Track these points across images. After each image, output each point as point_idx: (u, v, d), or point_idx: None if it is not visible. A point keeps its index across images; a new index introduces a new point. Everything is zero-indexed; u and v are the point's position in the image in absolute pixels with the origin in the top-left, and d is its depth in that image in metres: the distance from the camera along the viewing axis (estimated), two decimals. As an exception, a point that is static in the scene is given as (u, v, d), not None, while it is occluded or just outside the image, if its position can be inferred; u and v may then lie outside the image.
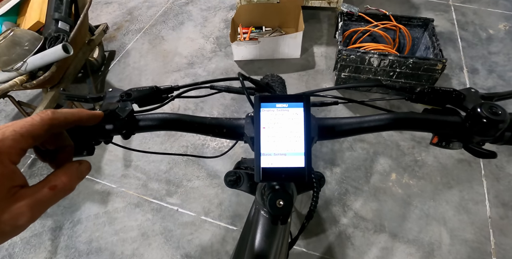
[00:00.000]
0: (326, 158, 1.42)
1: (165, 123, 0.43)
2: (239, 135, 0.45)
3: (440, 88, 0.41)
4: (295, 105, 0.38)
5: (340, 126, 0.43)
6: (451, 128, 0.40)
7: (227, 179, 0.56)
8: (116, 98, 0.44)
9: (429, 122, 0.41)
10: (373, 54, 1.40)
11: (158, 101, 0.48)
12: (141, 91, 0.45)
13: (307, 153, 0.37)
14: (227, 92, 0.51)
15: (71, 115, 0.30)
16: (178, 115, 0.44)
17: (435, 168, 1.38)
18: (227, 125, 0.45)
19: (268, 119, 0.38)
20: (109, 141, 0.43)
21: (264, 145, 0.37)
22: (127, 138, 0.42)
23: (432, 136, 0.43)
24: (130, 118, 0.41)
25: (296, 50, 1.79)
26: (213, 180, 1.38)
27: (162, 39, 2.05)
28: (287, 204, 0.38)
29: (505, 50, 1.88)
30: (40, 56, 1.26)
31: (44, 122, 0.27)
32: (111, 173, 1.43)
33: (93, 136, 0.40)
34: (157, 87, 0.46)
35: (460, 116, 0.40)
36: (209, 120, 0.45)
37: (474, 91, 0.41)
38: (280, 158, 0.37)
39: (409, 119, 0.41)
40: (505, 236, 1.19)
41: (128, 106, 0.42)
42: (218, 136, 0.45)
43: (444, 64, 1.36)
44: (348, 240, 1.20)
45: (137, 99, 0.45)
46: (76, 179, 0.28)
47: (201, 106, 1.65)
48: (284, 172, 0.37)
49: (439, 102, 0.42)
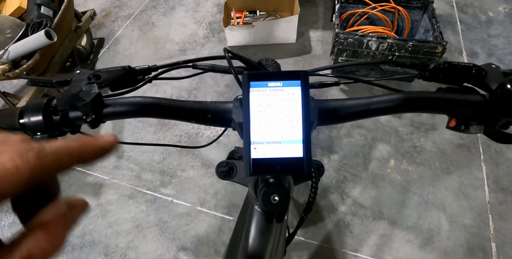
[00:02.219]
0: (324, 145, 1.39)
1: (139, 108, 0.38)
2: (226, 121, 0.39)
3: (459, 63, 0.36)
4: (291, 84, 0.32)
5: (344, 109, 0.37)
6: (472, 109, 0.35)
7: (219, 170, 0.51)
8: (84, 81, 0.38)
9: (447, 103, 0.35)
10: (372, 37, 1.35)
11: (133, 83, 0.42)
12: (111, 72, 0.39)
13: (306, 141, 0.32)
14: (212, 71, 0.45)
15: (68, 155, 0.19)
16: (154, 99, 0.38)
17: (434, 154, 1.35)
18: (212, 110, 0.39)
19: (259, 101, 0.32)
20: (77, 130, 0.38)
21: (255, 132, 0.32)
22: (94, 127, 0.36)
23: (448, 119, 0.38)
24: (96, 103, 0.36)
25: (291, 35, 1.74)
26: (208, 170, 1.35)
27: (153, 25, 1.98)
28: (283, 199, 0.32)
29: (505, 33, 1.83)
30: (22, 43, 1.20)
31: (21, 173, 0.16)
32: (102, 165, 1.39)
33: (57, 125, 0.35)
34: (130, 67, 0.41)
35: (482, 95, 0.35)
36: (191, 105, 0.39)
37: (495, 67, 0.37)
38: (274, 147, 0.31)
39: (424, 99, 0.36)
40: (504, 221, 1.18)
41: (94, 89, 0.37)
42: (202, 122, 0.39)
43: (444, 47, 1.32)
44: (346, 228, 1.18)
45: (107, 82, 0.39)
46: (63, 236, 0.18)
47: (195, 94, 1.60)
48: (279, 163, 0.31)
49: (457, 80, 0.37)
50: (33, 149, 0.17)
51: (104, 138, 0.22)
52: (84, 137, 0.21)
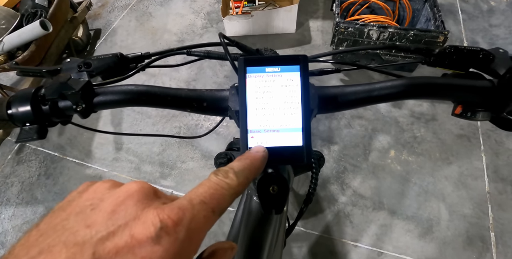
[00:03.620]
0: (324, 135, 1.38)
1: (131, 97, 0.36)
2: (222, 109, 0.37)
3: (465, 47, 0.35)
4: (289, 69, 0.31)
5: (345, 96, 0.36)
6: (480, 95, 0.33)
7: (217, 161, 0.49)
8: (74, 69, 0.37)
9: (453, 88, 0.34)
10: (373, 26, 1.33)
11: (126, 72, 0.40)
12: (102, 60, 0.38)
13: (306, 128, 0.30)
14: (208, 58, 0.43)
15: (249, 173, 0.24)
16: (147, 87, 0.37)
17: (434, 144, 1.35)
18: (207, 98, 0.37)
19: (256, 88, 0.31)
20: (68, 121, 0.37)
21: (252, 120, 0.30)
22: (85, 116, 0.35)
23: (454, 106, 0.37)
24: (86, 91, 0.34)
25: (291, 24, 1.71)
26: (208, 161, 1.34)
27: (150, 16, 1.95)
28: (282, 190, 0.31)
29: (507, 23, 1.81)
30: (17, 34, 1.18)
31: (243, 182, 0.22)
32: (102, 157, 1.38)
33: (46, 116, 0.33)
34: (122, 54, 0.39)
35: (489, 80, 0.34)
36: (186, 93, 0.37)
37: (503, 51, 0.35)
38: (272, 135, 0.30)
39: (429, 85, 0.34)
40: (503, 211, 1.18)
41: (83, 77, 0.36)
42: (197, 111, 0.38)
43: (446, 37, 1.30)
44: (347, 218, 1.19)
45: (98, 70, 0.37)
46: None
47: (193, 85, 1.59)
48: (278, 152, 0.30)
49: (463, 65, 0.36)
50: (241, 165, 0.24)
51: (259, 148, 0.28)
52: (246, 152, 0.27)
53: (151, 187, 0.20)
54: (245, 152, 0.27)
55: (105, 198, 0.18)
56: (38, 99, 0.34)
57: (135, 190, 0.18)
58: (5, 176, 1.36)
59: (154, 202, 0.18)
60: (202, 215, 0.18)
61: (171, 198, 0.20)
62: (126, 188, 0.19)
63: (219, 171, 0.22)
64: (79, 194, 0.20)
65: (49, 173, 1.35)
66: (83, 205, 0.18)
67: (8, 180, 1.35)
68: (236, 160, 0.25)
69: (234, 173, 0.22)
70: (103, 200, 0.18)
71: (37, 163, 1.38)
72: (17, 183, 1.33)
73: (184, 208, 0.18)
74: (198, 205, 0.18)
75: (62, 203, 0.19)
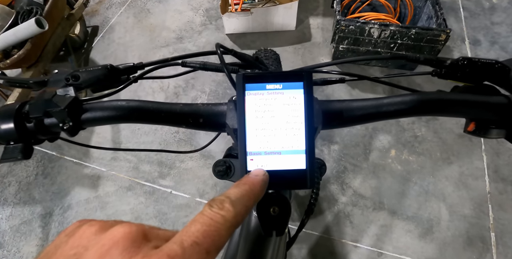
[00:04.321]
0: (324, 135, 1.37)
1: (122, 113, 0.34)
2: (220, 126, 0.35)
3: (479, 60, 0.33)
4: (292, 86, 0.29)
5: (351, 111, 0.34)
6: (495, 112, 0.32)
7: (216, 169, 0.47)
8: (62, 83, 0.34)
9: (467, 105, 0.32)
10: (374, 24, 1.31)
11: (117, 84, 0.38)
12: (92, 72, 0.35)
13: (310, 150, 0.28)
14: (203, 70, 0.40)
15: (248, 200, 0.23)
16: (139, 103, 0.35)
17: (435, 144, 1.34)
18: (204, 114, 0.35)
19: (256, 106, 0.29)
20: (55, 137, 0.35)
21: (251, 141, 0.28)
22: (73, 135, 0.33)
23: (466, 122, 0.35)
24: (73, 108, 0.32)
25: (291, 22, 1.69)
26: (207, 161, 1.33)
27: (148, 13, 1.92)
28: (284, 211, 0.30)
29: (508, 21, 1.80)
30: (13, 32, 1.16)
31: (241, 212, 0.20)
32: (100, 156, 1.37)
33: (31, 133, 0.32)
34: (112, 66, 0.37)
35: (506, 96, 0.32)
36: (181, 108, 0.35)
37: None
38: (273, 158, 0.28)
39: (442, 101, 0.32)
40: (503, 211, 1.18)
41: (70, 92, 0.33)
42: (193, 127, 0.36)
43: (448, 35, 1.29)
44: (347, 218, 1.18)
45: (87, 83, 0.35)
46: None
47: (192, 84, 1.57)
48: (279, 176, 0.28)
49: (477, 78, 0.34)
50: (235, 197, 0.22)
51: (258, 172, 0.26)
52: (244, 177, 0.25)
53: (140, 229, 0.18)
54: (244, 177, 0.26)
55: (90, 246, 0.17)
56: (22, 117, 0.32)
57: (121, 237, 0.17)
58: (2, 176, 1.35)
59: (143, 248, 0.17)
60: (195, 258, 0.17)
61: (164, 237, 0.18)
62: (112, 234, 0.17)
63: (214, 202, 0.21)
64: (66, 238, 0.18)
65: (46, 172, 1.34)
66: (67, 255, 0.17)
67: (5, 180, 1.33)
68: (234, 186, 0.23)
69: (230, 202, 0.21)
70: (87, 248, 0.17)
71: (35, 162, 1.37)
72: (15, 183, 1.32)
73: (174, 255, 0.16)
74: (189, 248, 0.17)
75: (49, 248, 0.18)
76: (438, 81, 0.41)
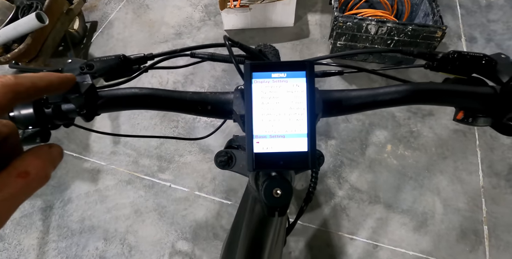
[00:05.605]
0: (321, 130, 1.39)
1: (135, 100, 0.36)
2: (227, 113, 0.37)
3: (468, 53, 0.35)
4: (295, 75, 0.31)
5: (349, 100, 0.36)
6: (481, 102, 0.34)
7: (218, 159, 0.50)
8: (76, 71, 0.36)
9: (456, 95, 0.35)
10: (371, 21, 1.33)
11: (128, 73, 0.40)
12: (105, 61, 0.37)
13: (311, 134, 0.31)
14: (212, 60, 0.43)
15: (39, 79, 0.22)
16: (151, 90, 0.37)
17: (430, 139, 1.36)
18: (212, 101, 0.37)
19: (262, 93, 0.31)
20: (71, 123, 0.36)
21: (258, 125, 0.31)
22: (89, 120, 0.35)
23: (455, 111, 0.37)
24: (90, 95, 0.34)
25: (289, 18, 1.70)
26: (206, 155, 1.35)
27: (147, 8, 1.92)
28: (286, 193, 0.32)
29: (504, 18, 1.82)
30: (13, 26, 1.17)
31: (6, 89, 0.19)
32: (100, 150, 1.38)
33: (49, 118, 0.33)
34: (125, 56, 0.39)
35: (491, 87, 0.35)
36: (190, 96, 0.37)
37: (505, 57, 0.36)
38: (278, 141, 0.31)
39: (433, 91, 0.35)
40: (496, 205, 1.20)
41: (87, 80, 0.35)
42: (201, 114, 0.38)
43: (444, 32, 1.31)
44: (343, 211, 1.20)
45: (101, 72, 0.37)
46: (50, 164, 0.21)
47: (191, 79, 1.58)
48: (283, 158, 0.30)
49: (466, 71, 0.36)
50: (9, 75, 0.20)
51: (65, 74, 0.26)
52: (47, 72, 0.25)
53: None
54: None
55: None
56: (41, 102, 0.34)
57: None
58: (3, 169, 1.35)
59: None
60: None
61: None
62: None
63: None
64: None
65: (46, 166, 1.35)
66: None
67: (5, 173, 1.34)
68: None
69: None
70: None
71: (35, 157, 1.38)
72: (15, 176, 1.33)
73: None
74: None
75: None
76: (433, 77, 0.43)
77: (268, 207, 0.32)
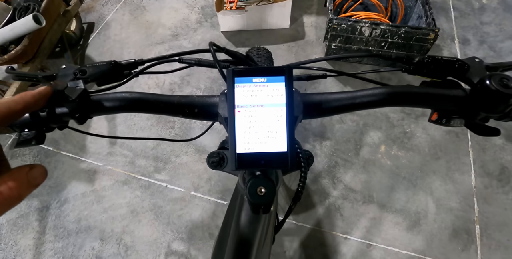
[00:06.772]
0: (316, 131, 1.41)
1: (125, 104, 0.38)
2: (213, 115, 0.39)
3: (442, 58, 0.37)
4: (275, 80, 0.33)
5: (328, 103, 0.38)
6: (454, 104, 0.36)
7: (210, 160, 0.51)
8: (70, 77, 0.38)
9: (429, 97, 0.36)
10: (365, 23, 1.34)
11: (120, 78, 0.42)
12: (97, 67, 0.39)
13: (290, 135, 0.32)
14: (198, 66, 0.45)
15: (15, 104, 0.24)
16: (140, 95, 0.39)
17: (424, 139, 1.38)
18: (198, 105, 0.39)
19: (244, 97, 0.33)
20: (65, 126, 0.38)
21: (240, 127, 0.32)
22: (82, 123, 0.37)
23: (431, 112, 0.39)
24: (82, 99, 0.35)
25: (285, 20, 1.72)
26: (202, 155, 1.36)
27: (144, 10, 1.94)
28: (269, 192, 0.34)
29: (497, 21, 1.84)
30: (10, 28, 1.17)
31: None
32: (96, 151, 1.39)
33: (44, 122, 0.35)
34: (116, 62, 0.41)
35: (463, 89, 0.36)
36: (178, 100, 0.39)
37: (478, 61, 0.37)
38: (259, 141, 0.32)
39: (407, 93, 0.36)
40: (488, 205, 1.22)
41: (79, 85, 0.37)
42: (189, 116, 0.40)
43: (436, 34, 1.33)
44: (337, 211, 1.22)
45: (93, 77, 0.39)
46: (26, 186, 0.22)
47: (188, 80, 1.59)
48: (264, 157, 0.32)
49: (440, 74, 0.38)
50: None
51: (39, 89, 0.28)
52: (22, 92, 0.27)
53: None
54: None
55: None
56: None
57: None
58: None
59: None
60: None
61: None
62: None
63: None
64: None
65: (43, 167, 1.35)
66: None
67: (2, 174, 1.35)
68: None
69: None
70: None
71: (31, 157, 1.39)
72: (11, 177, 1.34)
73: None
74: None
75: None
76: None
77: (252, 204, 0.34)
